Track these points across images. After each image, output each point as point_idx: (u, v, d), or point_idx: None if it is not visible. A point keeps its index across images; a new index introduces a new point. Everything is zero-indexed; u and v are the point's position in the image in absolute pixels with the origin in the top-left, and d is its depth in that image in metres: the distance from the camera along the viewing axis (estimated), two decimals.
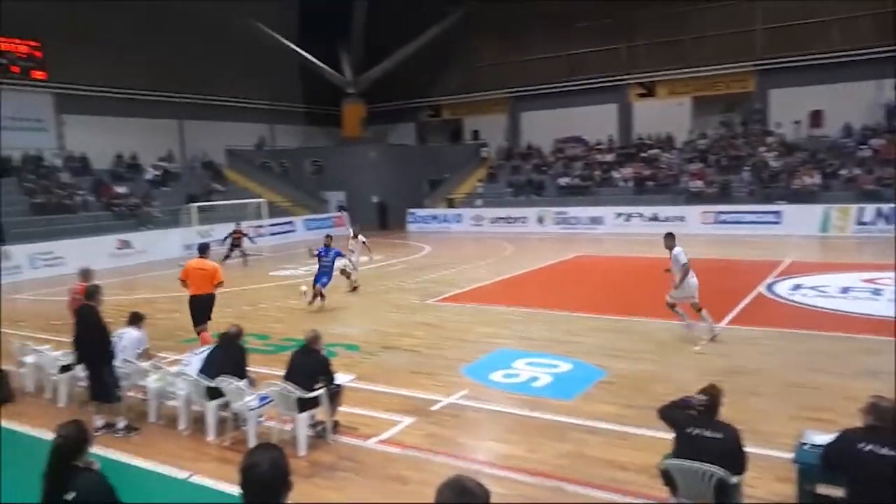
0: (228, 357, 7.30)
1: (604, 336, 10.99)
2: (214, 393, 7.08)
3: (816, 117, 29.77)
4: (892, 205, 23.48)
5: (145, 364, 7.94)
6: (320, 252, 14.26)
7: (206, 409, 7.17)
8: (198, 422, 7.41)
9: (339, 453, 6.66)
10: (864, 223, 23.69)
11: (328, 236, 15.14)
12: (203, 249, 10.69)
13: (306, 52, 36.76)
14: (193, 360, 7.64)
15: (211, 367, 7.21)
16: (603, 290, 16.03)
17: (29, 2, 26.38)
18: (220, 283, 10.30)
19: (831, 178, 26.26)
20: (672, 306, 10.64)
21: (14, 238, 21.32)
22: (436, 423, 7.37)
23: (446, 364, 9.64)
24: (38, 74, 27.67)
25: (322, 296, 14.03)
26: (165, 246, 24.27)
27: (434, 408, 7.81)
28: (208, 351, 7.68)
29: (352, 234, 16.97)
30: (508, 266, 19.56)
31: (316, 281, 14.15)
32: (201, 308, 10.33)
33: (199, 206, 24.58)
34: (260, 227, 25.88)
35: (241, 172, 34.24)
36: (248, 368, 7.44)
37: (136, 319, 8.39)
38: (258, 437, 6.76)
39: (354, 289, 15.86)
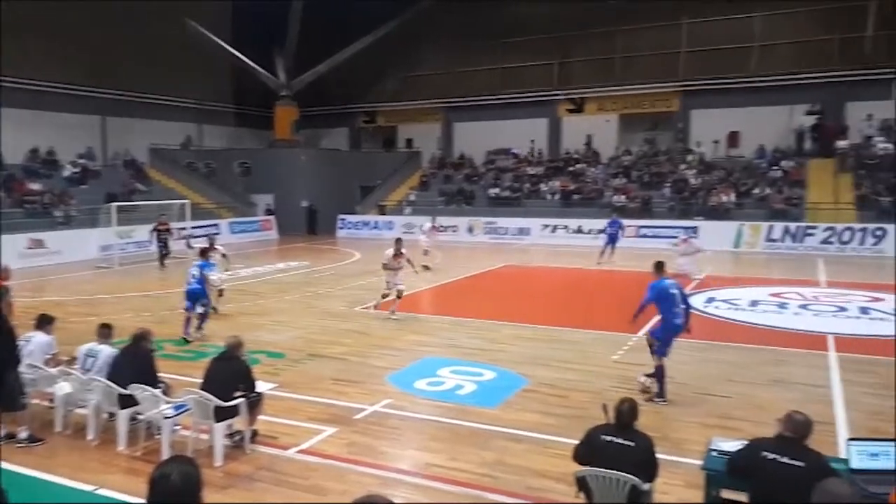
0: (135, 361, 7.03)
1: (528, 345, 11.18)
2: (127, 401, 6.81)
3: (733, 138, 31.28)
4: (799, 224, 24.97)
5: (53, 370, 7.55)
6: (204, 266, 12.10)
7: (118, 417, 6.89)
8: (108, 431, 7.11)
9: (258, 463, 6.51)
10: (773, 240, 25.03)
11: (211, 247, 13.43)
12: None
13: (239, 52, 35.97)
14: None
15: (118, 372, 6.94)
16: (528, 299, 16.31)
17: None
18: None
19: (745, 197, 27.62)
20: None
21: None
22: (358, 431, 7.31)
23: (372, 372, 9.58)
24: None
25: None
26: (82, 247, 23.16)
27: (357, 416, 7.75)
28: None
29: (209, 245, 13.97)
30: (438, 275, 19.62)
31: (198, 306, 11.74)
32: None
33: (119, 206, 23.57)
34: (183, 229, 25.04)
35: (165, 172, 33.03)
36: (160, 374, 7.20)
37: (44, 322, 7.96)
38: (173, 448, 6.55)
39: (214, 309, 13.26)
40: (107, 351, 7.36)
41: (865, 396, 8.35)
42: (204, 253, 12.78)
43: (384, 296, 13.38)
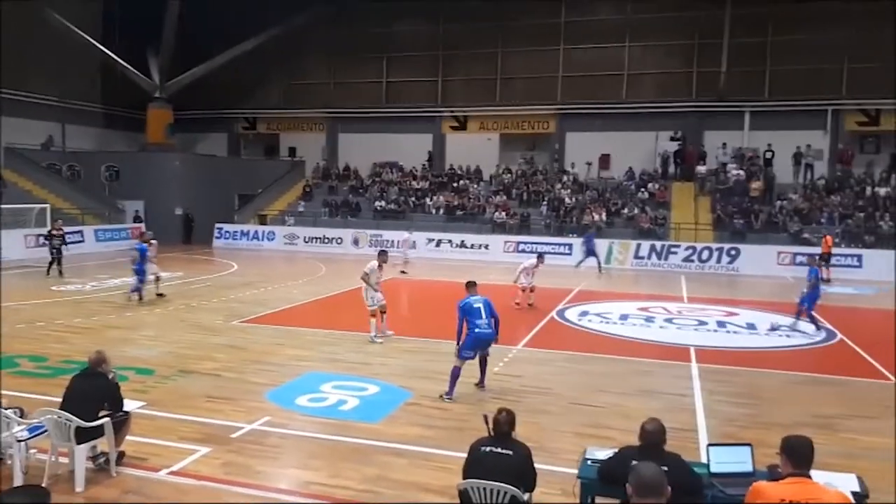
0: None
1: (411, 358, 11.23)
2: None
3: (605, 160, 33.15)
4: (664, 242, 26.77)
5: None
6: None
7: None
8: None
9: (125, 487, 6.12)
10: (640, 257, 26.67)
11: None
12: None
13: (108, 49, 33.84)
14: None
15: None
16: (411, 312, 16.41)
17: None
18: None
19: (615, 216, 29.29)
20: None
21: None
22: (235, 451, 7.03)
23: (249, 389, 9.25)
24: None
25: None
26: None
27: (234, 435, 7.46)
28: None
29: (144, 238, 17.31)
30: (321, 287, 19.32)
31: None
32: None
33: None
34: (40, 235, 23.14)
35: (22, 174, 30.43)
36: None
37: None
38: (27, 474, 6.01)
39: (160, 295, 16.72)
40: None
41: (722, 405, 9.03)
42: (142, 235, 17.53)
43: (373, 314, 12.20)
